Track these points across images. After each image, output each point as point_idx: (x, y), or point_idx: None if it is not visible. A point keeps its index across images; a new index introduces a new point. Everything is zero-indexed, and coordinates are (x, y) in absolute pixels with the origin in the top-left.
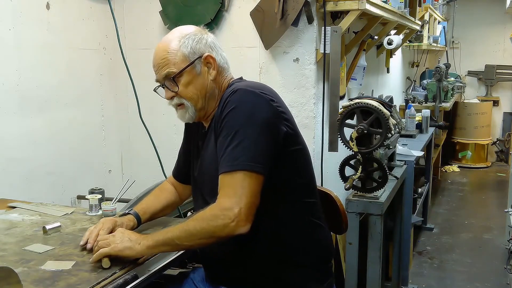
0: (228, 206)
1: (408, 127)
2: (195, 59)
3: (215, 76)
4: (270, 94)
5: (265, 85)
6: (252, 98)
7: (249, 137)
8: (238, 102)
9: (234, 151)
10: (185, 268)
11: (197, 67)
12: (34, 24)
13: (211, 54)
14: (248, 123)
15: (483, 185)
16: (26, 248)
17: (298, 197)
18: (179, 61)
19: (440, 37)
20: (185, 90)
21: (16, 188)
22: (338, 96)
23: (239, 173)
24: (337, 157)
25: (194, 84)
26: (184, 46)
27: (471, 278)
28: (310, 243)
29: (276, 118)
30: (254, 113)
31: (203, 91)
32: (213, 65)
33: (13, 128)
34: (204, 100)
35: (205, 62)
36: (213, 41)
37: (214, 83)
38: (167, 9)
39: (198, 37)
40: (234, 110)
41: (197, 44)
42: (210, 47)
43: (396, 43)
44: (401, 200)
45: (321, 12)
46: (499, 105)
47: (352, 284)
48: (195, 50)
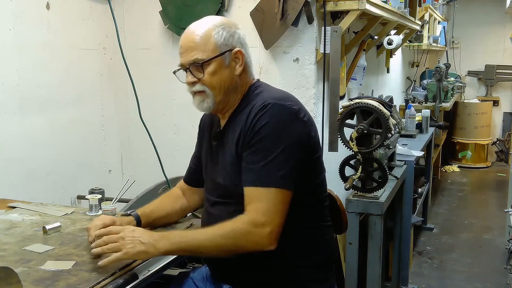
0: (262, 223)
1: (408, 127)
2: (226, 51)
3: (241, 72)
4: (295, 104)
5: (287, 93)
6: (285, 114)
7: (282, 154)
8: (271, 117)
9: (267, 166)
10: (185, 268)
11: (226, 59)
12: (34, 24)
13: (241, 50)
14: (281, 140)
15: (483, 185)
16: (26, 248)
17: (314, 201)
18: (210, 49)
19: (440, 37)
20: (210, 78)
21: (16, 188)
22: (338, 96)
23: (272, 189)
24: (337, 157)
25: (219, 75)
26: (218, 35)
27: (471, 278)
28: (318, 244)
29: (305, 132)
30: (286, 129)
31: (226, 83)
32: (241, 61)
33: (13, 128)
34: (225, 92)
35: (234, 56)
36: (244, 38)
37: (239, 79)
38: (167, 9)
39: (233, 30)
40: (267, 126)
41: (230, 37)
42: (241, 43)
43: (396, 43)
44: (401, 200)
45: (321, 12)
46: (499, 105)
47: (352, 284)
48: (227, 42)
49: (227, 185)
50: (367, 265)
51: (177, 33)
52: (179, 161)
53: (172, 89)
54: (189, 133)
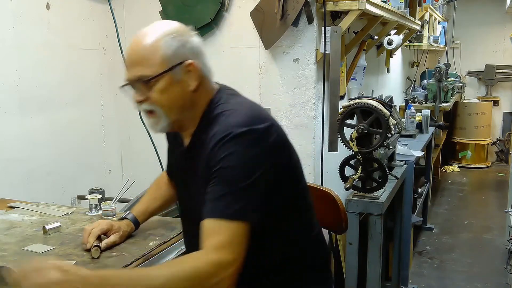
0: (227, 263)
1: (408, 127)
2: (175, 65)
3: (196, 87)
4: (262, 121)
5: (253, 108)
6: (248, 142)
7: (246, 185)
8: (233, 148)
9: (229, 198)
10: None
11: (177, 74)
12: (34, 24)
13: (194, 62)
14: (244, 170)
15: (483, 185)
16: (26, 248)
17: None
18: (157, 63)
19: (440, 37)
20: (159, 97)
21: (16, 188)
22: (338, 96)
23: (235, 223)
24: (337, 157)
25: (170, 93)
26: (166, 46)
27: (471, 278)
28: (307, 253)
29: (274, 152)
30: (250, 158)
31: (179, 102)
32: (195, 75)
33: (13, 128)
34: (179, 112)
35: (186, 70)
36: (199, 46)
37: (194, 94)
38: (167, 9)
39: (184, 39)
40: (228, 157)
41: (181, 47)
42: (196, 52)
43: (396, 43)
44: (401, 200)
45: (321, 12)
46: (499, 105)
47: (352, 284)
48: (177, 54)
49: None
50: (367, 265)
51: None
52: None
53: None
54: None
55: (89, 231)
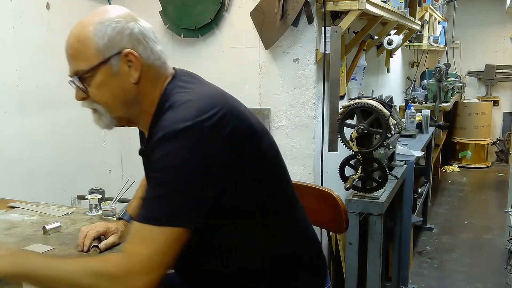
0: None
1: (408, 127)
2: (111, 55)
3: (139, 78)
4: (214, 114)
5: (203, 96)
6: (191, 140)
7: (181, 188)
8: (170, 148)
9: (163, 202)
10: None
11: (114, 66)
12: (34, 24)
13: (133, 50)
14: (180, 172)
15: (483, 185)
16: (26, 248)
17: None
18: (91, 56)
19: (440, 37)
20: (97, 93)
21: (16, 188)
22: (338, 96)
23: (162, 229)
24: (337, 157)
25: (109, 86)
26: (99, 36)
27: (471, 278)
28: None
29: (226, 147)
30: (190, 159)
31: (121, 96)
32: (136, 65)
33: (13, 128)
34: (123, 107)
35: (125, 59)
36: (143, 32)
37: (137, 86)
38: (167, 9)
39: (121, 26)
40: (165, 158)
41: (117, 34)
42: (136, 39)
43: (396, 43)
44: (401, 200)
45: (321, 12)
46: (499, 105)
47: (352, 284)
48: (113, 43)
49: None
50: (367, 265)
51: (177, 33)
52: None
53: None
54: None
55: (85, 233)
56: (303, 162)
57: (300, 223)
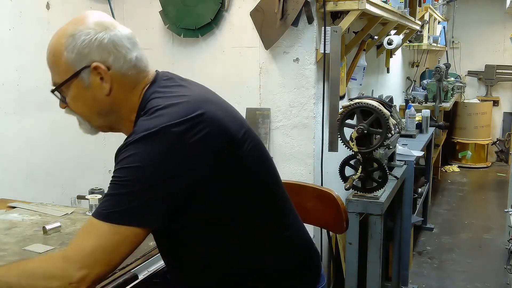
0: (76, 259)
1: (408, 127)
2: (81, 69)
3: (111, 89)
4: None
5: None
6: (156, 143)
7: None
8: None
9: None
10: None
11: (85, 79)
12: (34, 24)
13: (101, 64)
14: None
15: (483, 185)
16: (26, 248)
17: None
18: (63, 69)
19: (440, 37)
20: (73, 104)
21: (16, 188)
22: (338, 96)
23: (107, 225)
24: (337, 157)
25: (82, 99)
26: (69, 49)
27: (471, 278)
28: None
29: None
30: (153, 161)
31: (95, 108)
32: (106, 77)
33: (13, 128)
34: (99, 117)
35: (95, 72)
36: (114, 41)
37: (112, 97)
38: (167, 9)
39: (90, 38)
40: (127, 158)
41: (86, 47)
42: (106, 50)
43: (396, 43)
44: (401, 200)
45: (321, 12)
46: (499, 105)
47: (352, 284)
48: (82, 56)
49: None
50: (367, 265)
51: (177, 33)
52: None
53: None
54: None
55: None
56: (303, 162)
57: (291, 227)
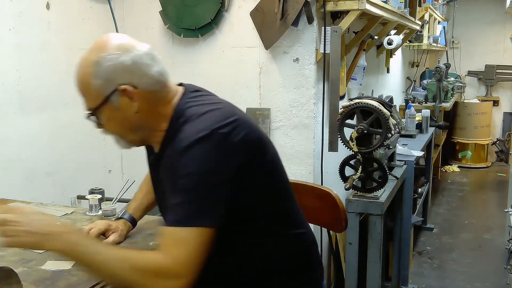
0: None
1: (408, 127)
2: (110, 93)
3: (140, 107)
4: (226, 124)
5: (216, 108)
6: (208, 149)
7: (205, 191)
8: (192, 157)
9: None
10: None
11: (114, 101)
12: (34, 24)
13: (128, 86)
14: (204, 176)
15: (483, 185)
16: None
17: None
18: (94, 95)
19: (440, 37)
20: (107, 125)
21: (16, 188)
22: (338, 96)
23: (194, 230)
24: (337, 157)
25: (115, 120)
26: (95, 77)
27: (471, 278)
28: (293, 255)
29: (239, 156)
30: (210, 165)
31: (127, 125)
32: (134, 97)
33: (13, 128)
34: (131, 133)
35: (122, 95)
36: (136, 61)
37: (141, 114)
38: (167, 9)
39: (114, 63)
40: (187, 165)
41: (112, 72)
42: (130, 71)
43: (396, 43)
44: (401, 200)
45: (321, 12)
46: (499, 105)
47: (352, 284)
48: (109, 81)
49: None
50: (367, 265)
51: (177, 33)
52: None
53: None
54: None
55: (87, 231)
56: (303, 162)
57: (299, 226)
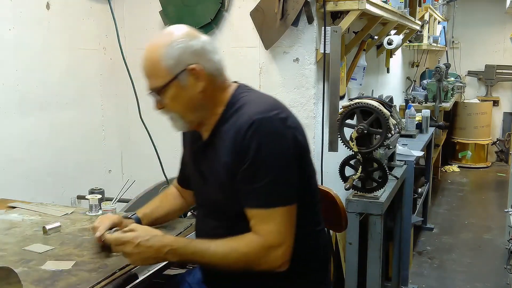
0: (275, 245)
1: (408, 127)
2: (179, 72)
3: (204, 87)
4: (281, 111)
5: (270, 98)
6: (274, 128)
7: (280, 170)
8: (261, 135)
9: (269, 186)
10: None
11: (182, 80)
12: (34, 24)
13: (196, 66)
14: (277, 156)
15: (483, 185)
16: (26, 248)
17: (307, 205)
18: (163, 74)
19: (440, 37)
20: (171, 104)
21: (16, 188)
22: (338, 96)
23: (279, 209)
24: (337, 157)
25: (180, 98)
26: (168, 57)
27: (471, 278)
28: (313, 249)
29: (295, 139)
30: (279, 144)
31: (190, 104)
32: (201, 77)
33: (13, 128)
34: (193, 112)
35: (191, 74)
36: (203, 46)
37: (204, 94)
38: (167, 9)
39: (184, 45)
40: (259, 144)
41: (182, 53)
42: (198, 54)
43: (396, 43)
44: (401, 200)
45: (321, 12)
46: (499, 105)
47: (352, 284)
48: (179, 61)
49: (220, 201)
50: (367, 265)
51: None
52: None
53: None
54: None
55: (102, 219)
56: None
57: (321, 224)
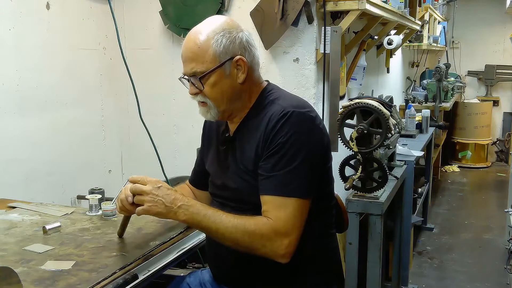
0: (282, 233)
1: (408, 127)
2: (225, 61)
3: (244, 79)
4: (312, 110)
5: (301, 99)
6: (304, 122)
7: (303, 163)
8: (292, 126)
9: (288, 175)
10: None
11: (227, 69)
12: (34, 24)
13: (243, 57)
14: (303, 148)
15: (483, 185)
16: (26, 248)
17: (322, 206)
18: (209, 60)
19: (440, 37)
20: (211, 91)
21: (16, 188)
22: (338, 96)
23: (293, 199)
24: (337, 157)
25: (220, 86)
26: (216, 44)
27: (471, 278)
28: (325, 252)
29: (322, 139)
30: (307, 138)
31: (229, 94)
32: (243, 68)
33: (13, 128)
34: (229, 102)
35: (235, 64)
36: (247, 40)
37: (242, 85)
38: (167, 9)
39: (233, 36)
40: (288, 134)
41: (230, 43)
42: (244, 47)
43: (396, 43)
44: (401, 200)
45: (321, 12)
46: (499, 105)
47: (352, 284)
48: (227, 50)
49: (241, 189)
50: (367, 265)
51: (177, 33)
52: (179, 161)
53: (172, 89)
54: (189, 133)
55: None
56: None
57: (333, 225)
